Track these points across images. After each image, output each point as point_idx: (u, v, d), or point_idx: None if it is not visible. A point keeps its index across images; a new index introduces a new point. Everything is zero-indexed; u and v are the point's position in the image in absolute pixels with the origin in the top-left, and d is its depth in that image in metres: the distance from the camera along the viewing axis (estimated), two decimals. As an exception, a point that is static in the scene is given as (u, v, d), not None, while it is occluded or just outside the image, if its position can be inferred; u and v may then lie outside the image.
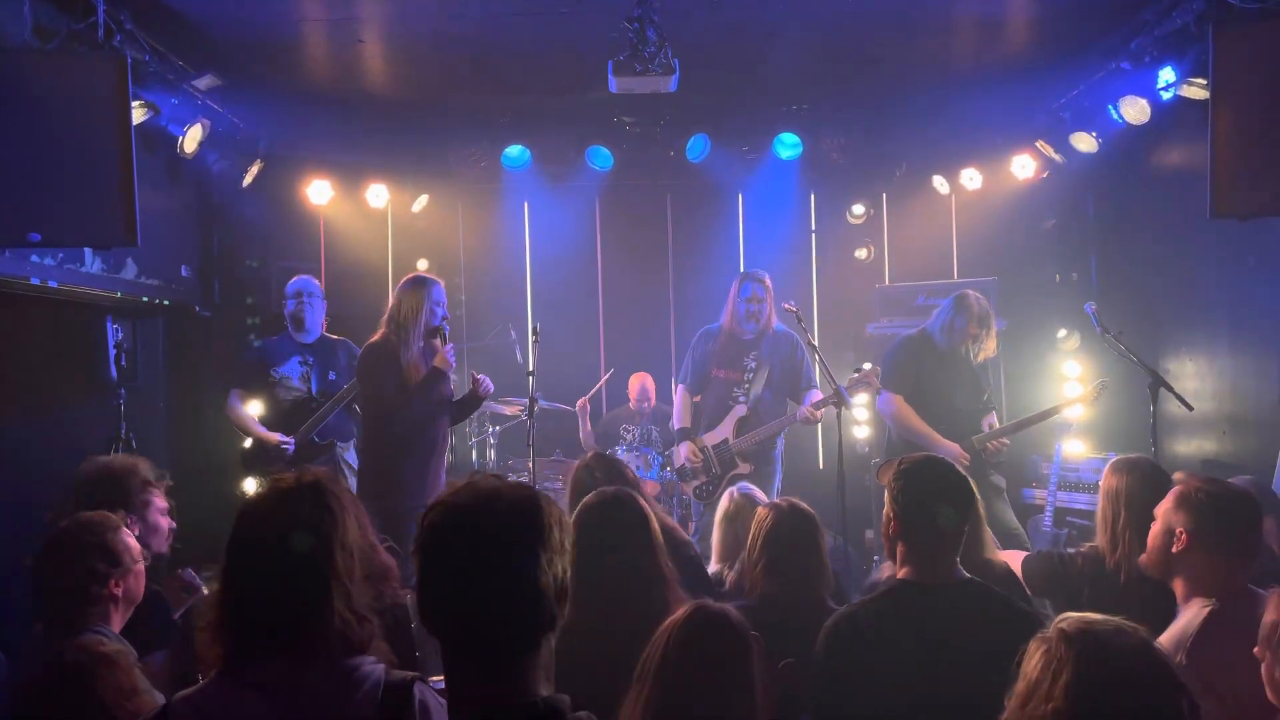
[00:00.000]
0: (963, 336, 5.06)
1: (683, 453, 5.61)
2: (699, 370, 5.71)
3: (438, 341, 4.80)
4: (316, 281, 5.74)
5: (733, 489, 3.95)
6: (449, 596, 1.47)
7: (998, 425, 5.16)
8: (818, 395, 5.53)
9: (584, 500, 2.74)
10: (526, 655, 1.48)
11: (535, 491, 1.54)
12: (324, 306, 5.71)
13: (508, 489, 1.52)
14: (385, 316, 4.85)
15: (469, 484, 1.53)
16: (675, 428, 5.77)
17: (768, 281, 5.54)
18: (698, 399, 5.78)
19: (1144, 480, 2.92)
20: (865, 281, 7.52)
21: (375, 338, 4.82)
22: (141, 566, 2.77)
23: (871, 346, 6.97)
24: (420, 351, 4.76)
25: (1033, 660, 1.70)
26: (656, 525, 2.70)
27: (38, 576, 2.62)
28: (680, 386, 5.80)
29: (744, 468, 5.50)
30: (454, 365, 4.88)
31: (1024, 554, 3.39)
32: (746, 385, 5.56)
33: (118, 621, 2.68)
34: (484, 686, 1.47)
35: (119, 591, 2.67)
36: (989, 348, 5.13)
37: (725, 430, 5.57)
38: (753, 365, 5.57)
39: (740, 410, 5.54)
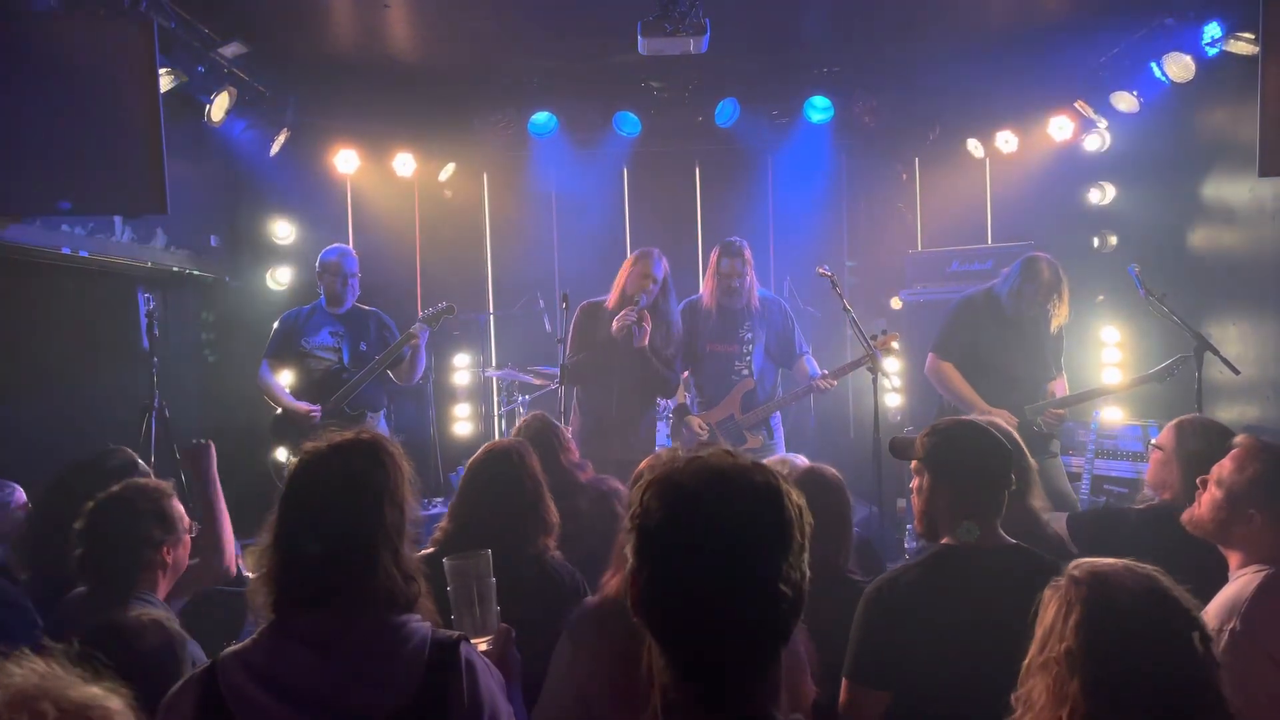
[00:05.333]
0: (1031, 303, 4.84)
1: (687, 431, 5.36)
2: (690, 347, 5.41)
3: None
4: (355, 257, 5.61)
5: (773, 459, 3.87)
6: (678, 595, 1.26)
7: (1065, 392, 4.99)
8: (812, 363, 5.38)
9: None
10: (764, 671, 1.28)
11: (778, 478, 1.32)
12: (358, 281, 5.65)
13: (745, 471, 1.30)
14: None
15: (698, 460, 1.31)
16: (673, 406, 5.52)
17: (746, 253, 5.26)
18: (686, 375, 5.49)
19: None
20: (897, 247, 7.42)
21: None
22: (189, 537, 2.79)
23: (903, 312, 6.89)
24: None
25: (1047, 607, 1.72)
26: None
27: (89, 539, 2.61)
28: None
29: (754, 442, 5.29)
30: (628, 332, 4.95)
31: (1064, 515, 3.34)
32: (747, 358, 5.34)
33: (164, 589, 2.70)
34: (713, 703, 1.26)
35: (169, 559, 2.68)
36: (1062, 314, 4.86)
37: (730, 406, 5.33)
38: (749, 337, 5.34)
39: (746, 384, 5.33)
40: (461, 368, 7.46)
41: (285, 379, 5.54)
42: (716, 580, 1.24)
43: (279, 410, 5.50)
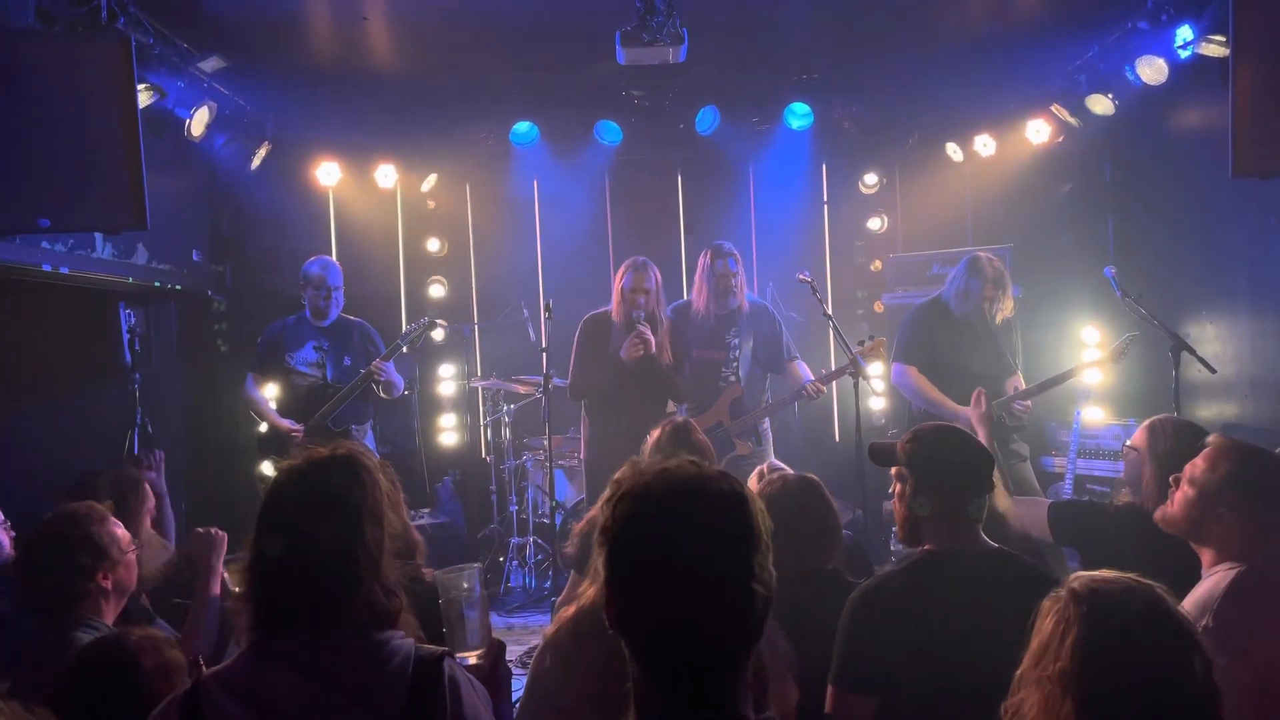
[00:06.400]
0: (978, 300, 4.96)
1: None
2: (676, 351, 5.36)
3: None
4: (339, 269, 5.58)
5: (762, 466, 3.87)
6: (645, 605, 1.29)
7: (1022, 387, 5.08)
8: (804, 368, 5.41)
9: None
10: (734, 673, 1.31)
11: (741, 486, 1.35)
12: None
13: (709, 478, 1.33)
14: None
15: (663, 470, 1.33)
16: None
17: (737, 254, 5.30)
18: None
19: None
20: (878, 251, 7.46)
21: None
22: (133, 556, 2.72)
23: (885, 317, 6.93)
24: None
25: (1045, 620, 1.71)
26: None
27: (25, 570, 2.60)
28: None
29: (743, 449, 5.30)
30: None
31: (1047, 501, 3.38)
32: (734, 364, 5.33)
33: (110, 613, 2.65)
34: (685, 709, 1.29)
35: (108, 584, 2.62)
36: (1006, 308, 5.01)
37: (719, 413, 5.32)
38: (736, 342, 5.34)
39: (734, 391, 5.32)
40: (446, 378, 7.46)
41: (270, 392, 5.54)
42: (695, 588, 1.27)
43: (264, 425, 5.49)
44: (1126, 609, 1.62)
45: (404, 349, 5.57)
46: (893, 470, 2.55)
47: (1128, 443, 3.16)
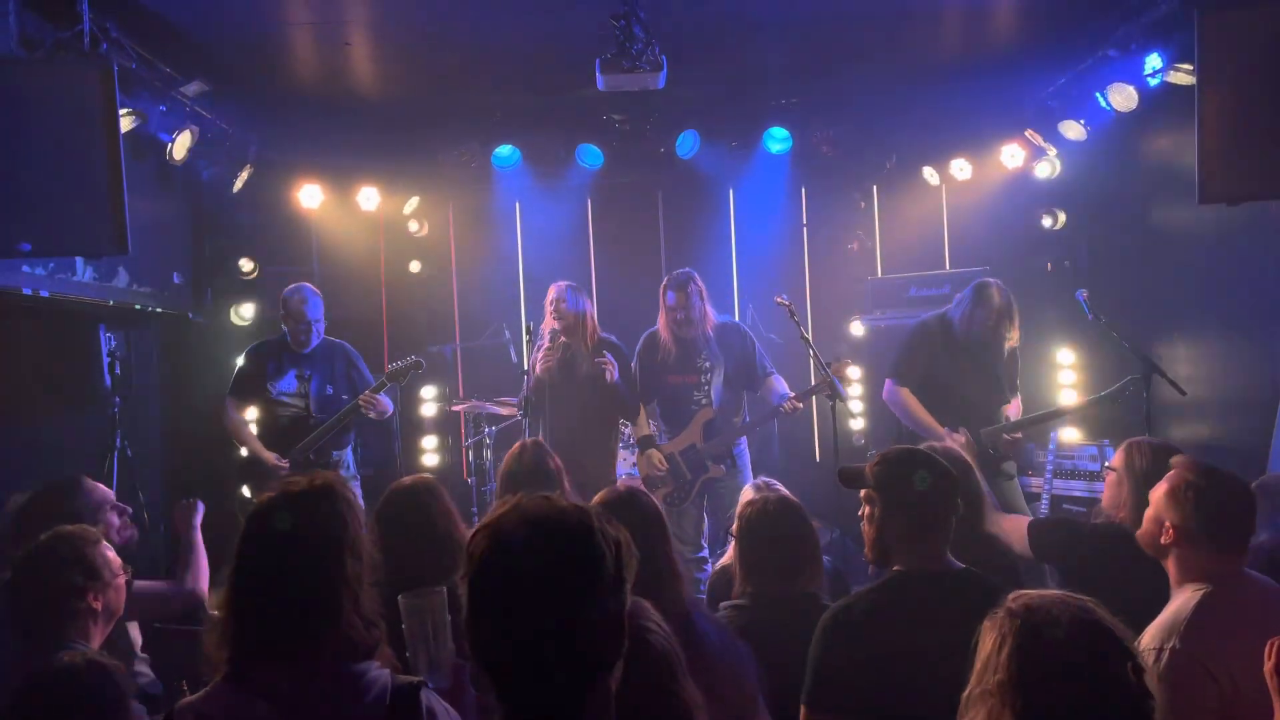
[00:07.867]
0: (982, 328, 4.92)
1: (647, 464, 5.44)
2: (650, 378, 5.51)
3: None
4: (319, 301, 5.47)
5: (755, 481, 3.89)
6: (496, 634, 1.34)
7: (1019, 414, 5.05)
8: (781, 383, 5.45)
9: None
10: (585, 701, 1.34)
11: (591, 518, 1.38)
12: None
13: (559, 515, 1.37)
14: None
15: (516, 507, 1.38)
16: (636, 437, 5.59)
17: (691, 285, 5.32)
18: (653, 404, 5.58)
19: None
20: (857, 274, 7.53)
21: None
22: (121, 580, 2.75)
23: (864, 339, 6.98)
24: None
25: (984, 640, 1.75)
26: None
27: (15, 589, 2.61)
28: None
29: (716, 470, 5.36)
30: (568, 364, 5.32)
31: (1027, 518, 3.43)
32: (706, 387, 5.40)
33: (97, 636, 2.67)
34: None
35: (98, 606, 2.65)
36: (1013, 337, 4.96)
37: (692, 435, 5.40)
38: (707, 365, 5.40)
39: (706, 413, 5.38)
40: (429, 399, 7.46)
41: (251, 416, 5.50)
42: (530, 619, 1.32)
43: (244, 450, 5.44)
44: (1058, 619, 1.66)
45: (388, 384, 5.50)
46: (862, 493, 2.59)
47: (1107, 464, 3.21)
